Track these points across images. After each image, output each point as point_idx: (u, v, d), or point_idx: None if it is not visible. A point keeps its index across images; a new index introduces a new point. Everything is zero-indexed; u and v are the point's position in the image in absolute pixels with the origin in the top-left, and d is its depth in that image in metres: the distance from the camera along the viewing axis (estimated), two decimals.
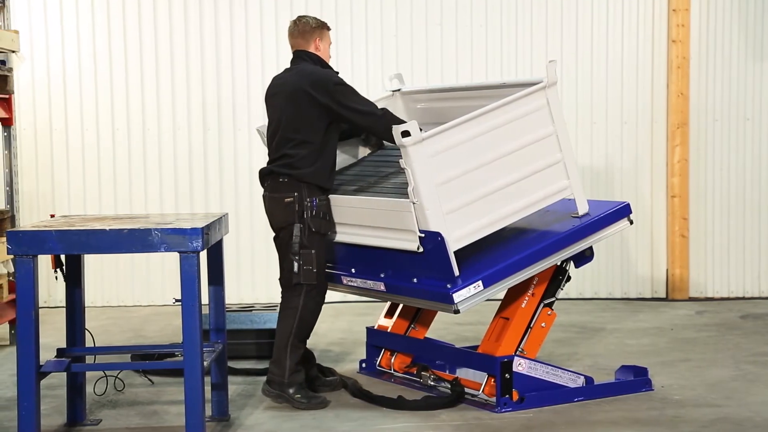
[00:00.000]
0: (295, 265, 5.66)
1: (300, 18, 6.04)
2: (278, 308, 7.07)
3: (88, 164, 8.95)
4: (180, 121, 8.98)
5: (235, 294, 8.73)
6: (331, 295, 8.92)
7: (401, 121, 5.57)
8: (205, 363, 4.87)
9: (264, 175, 5.85)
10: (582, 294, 9.14)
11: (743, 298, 9.29)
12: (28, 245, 4.61)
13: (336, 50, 9.01)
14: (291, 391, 5.67)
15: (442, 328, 7.37)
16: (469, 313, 5.46)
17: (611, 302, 9.12)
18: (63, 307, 8.38)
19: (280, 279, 5.88)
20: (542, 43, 9.12)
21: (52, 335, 6.79)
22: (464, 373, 5.90)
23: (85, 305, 5.46)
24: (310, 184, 5.71)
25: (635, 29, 9.17)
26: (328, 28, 6.07)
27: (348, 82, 8.95)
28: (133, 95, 8.96)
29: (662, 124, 9.19)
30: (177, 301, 5.06)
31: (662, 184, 9.22)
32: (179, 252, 4.67)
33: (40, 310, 4.89)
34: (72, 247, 4.68)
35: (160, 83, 8.94)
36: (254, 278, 9.01)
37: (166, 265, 8.88)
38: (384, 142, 6.23)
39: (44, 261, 6.89)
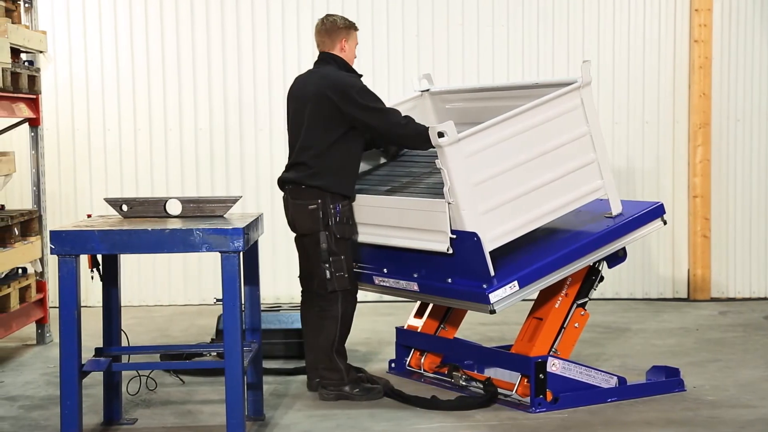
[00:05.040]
0: (327, 273, 5.74)
1: (328, 17, 6.03)
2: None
3: (110, 165, 8.95)
4: (202, 122, 8.99)
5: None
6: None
7: (426, 127, 5.57)
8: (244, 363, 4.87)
9: (284, 181, 5.89)
10: (603, 294, 9.12)
11: (765, 299, 9.28)
12: (71, 245, 4.62)
13: (358, 51, 9.01)
14: (348, 388, 5.82)
15: (467, 328, 7.35)
16: None
17: (633, 302, 9.11)
18: (84, 306, 8.47)
19: (300, 277, 6.02)
20: (564, 43, 9.11)
21: None
22: (495, 373, 5.91)
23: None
24: (334, 193, 5.74)
25: (657, 29, 9.16)
26: (356, 29, 6.06)
27: (369, 82, 9.05)
28: (155, 96, 8.96)
29: (684, 124, 9.19)
30: (218, 300, 5.07)
31: (684, 184, 9.21)
32: (221, 252, 4.66)
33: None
34: (114, 247, 4.69)
35: (182, 84, 8.94)
36: (276, 277, 9.02)
37: (187, 266, 8.88)
38: (403, 149, 6.27)
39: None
